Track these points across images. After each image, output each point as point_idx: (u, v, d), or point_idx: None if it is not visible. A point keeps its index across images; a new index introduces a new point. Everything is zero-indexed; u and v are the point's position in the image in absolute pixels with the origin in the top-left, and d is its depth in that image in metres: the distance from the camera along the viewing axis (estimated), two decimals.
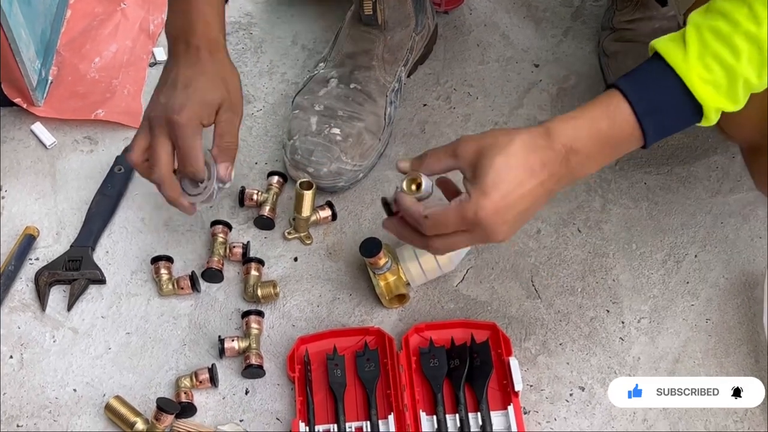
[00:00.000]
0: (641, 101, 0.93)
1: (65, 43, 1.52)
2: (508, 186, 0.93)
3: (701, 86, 0.90)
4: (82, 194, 1.35)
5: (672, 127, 0.95)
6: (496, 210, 0.93)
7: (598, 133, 0.94)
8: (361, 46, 1.39)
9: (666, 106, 0.93)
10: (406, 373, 1.17)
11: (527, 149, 0.93)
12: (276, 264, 1.30)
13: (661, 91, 0.92)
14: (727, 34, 0.89)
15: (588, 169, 0.97)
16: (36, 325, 1.23)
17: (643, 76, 0.94)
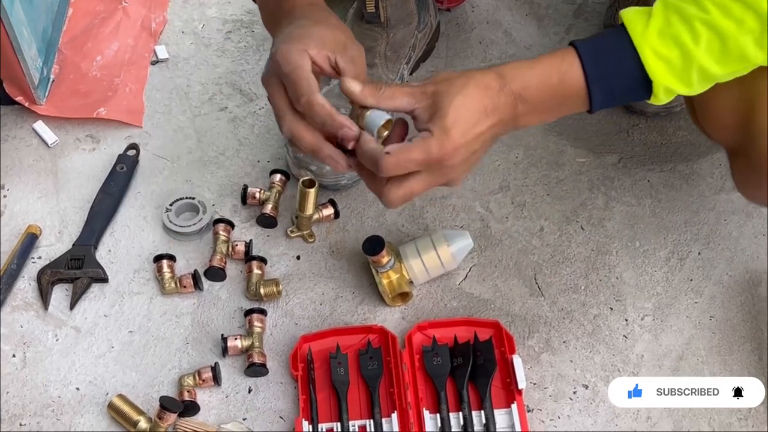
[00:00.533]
0: (593, 64, 0.93)
1: (67, 41, 1.52)
2: (465, 125, 0.92)
3: (654, 61, 0.90)
4: (84, 193, 1.35)
5: (619, 96, 0.95)
6: (455, 148, 0.91)
7: (547, 86, 0.94)
8: (364, 43, 1.36)
9: (616, 73, 0.93)
10: (409, 371, 1.17)
11: (481, 91, 0.93)
12: (279, 262, 1.29)
13: (614, 58, 0.92)
14: (690, 17, 0.89)
15: (530, 120, 0.97)
16: (38, 323, 1.23)
17: (601, 41, 0.94)
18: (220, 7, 1.60)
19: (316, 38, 0.94)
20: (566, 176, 1.39)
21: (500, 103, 0.94)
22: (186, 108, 1.47)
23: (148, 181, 1.38)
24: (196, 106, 1.47)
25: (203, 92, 1.49)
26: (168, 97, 1.48)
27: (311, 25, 0.97)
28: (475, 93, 0.93)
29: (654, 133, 1.44)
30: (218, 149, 1.41)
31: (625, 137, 1.44)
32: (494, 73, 0.94)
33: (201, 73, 1.51)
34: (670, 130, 1.45)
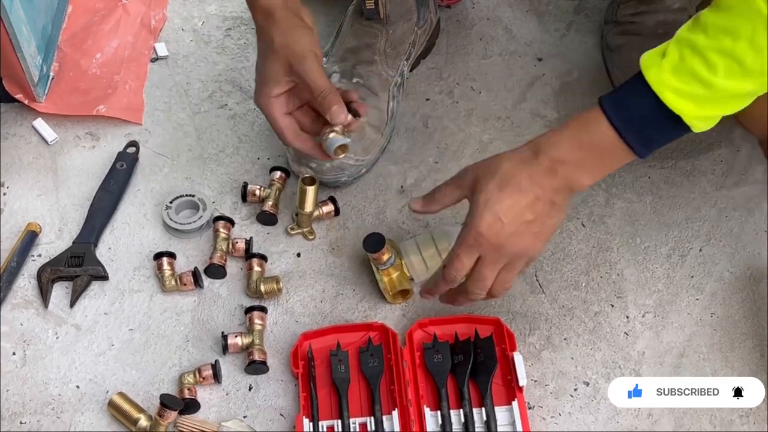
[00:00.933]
0: (619, 116, 0.96)
1: (66, 38, 1.52)
2: (499, 208, 1.00)
3: (676, 100, 0.92)
4: (84, 190, 1.35)
5: (660, 138, 0.98)
6: (490, 224, 1.00)
7: (579, 142, 0.99)
8: (364, 40, 1.38)
9: (644, 119, 0.96)
10: (409, 368, 1.17)
11: (514, 170, 1.00)
12: (279, 260, 1.29)
13: (637, 105, 0.95)
14: (702, 48, 0.90)
15: (581, 177, 1.01)
16: (39, 321, 1.23)
17: (622, 91, 0.97)
18: (219, 4, 1.60)
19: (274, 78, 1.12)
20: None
21: (535, 173, 1.00)
22: (186, 105, 1.46)
23: (148, 179, 1.37)
24: (195, 103, 1.47)
25: (203, 89, 1.49)
26: (168, 94, 1.48)
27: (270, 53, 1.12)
28: (507, 174, 1.00)
29: None
30: (218, 146, 1.41)
31: None
32: (527, 148, 1.01)
33: (201, 71, 1.51)
34: None
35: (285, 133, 1.17)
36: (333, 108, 1.11)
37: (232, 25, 1.57)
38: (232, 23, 1.57)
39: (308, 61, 1.10)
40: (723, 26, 0.89)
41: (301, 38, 1.11)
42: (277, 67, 1.11)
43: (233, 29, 1.56)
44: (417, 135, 1.43)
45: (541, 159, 0.99)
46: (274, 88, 1.13)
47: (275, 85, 1.13)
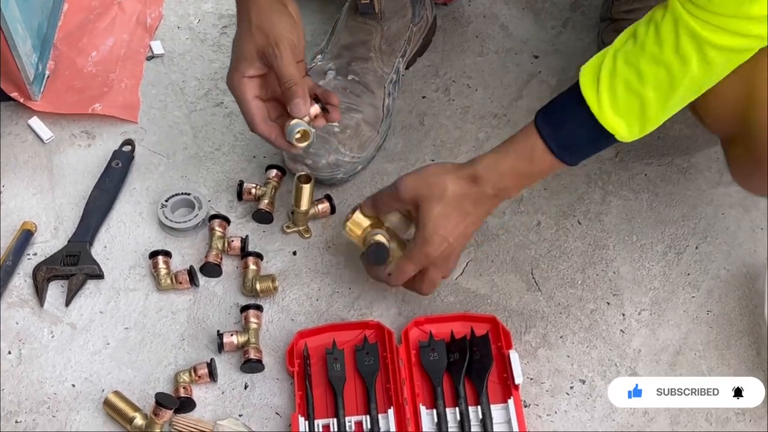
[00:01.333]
0: (555, 139, 1.02)
1: (62, 36, 1.51)
2: (446, 231, 1.08)
3: (613, 120, 0.97)
4: (80, 189, 1.35)
5: (589, 152, 1.05)
6: (440, 252, 1.10)
7: (520, 173, 1.06)
8: (359, 37, 1.38)
9: (580, 140, 1.02)
10: (405, 366, 1.17)
11: (459, 197, 1.07)
12: (275, 258, 1.29)
13: (574, 127, 1.01)
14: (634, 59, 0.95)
15: (513, 194, 1.11)
16: (34, 320, 1.23)
17: (559, 111, 1.02)
18: (215, 1, 1.60)
19: (247, 59, 1.10)
20: (563, 170, 1.38)
21: (480, 200, 1.08)
22: (182, 103, 1.46)
23: (143, 177, 1.37)
24: (191, 101, 1.47)
25: (199, 87, 1.48)
26: (164, 92, 1.48)
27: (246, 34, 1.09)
28: (453, 200, 1.08)
29: None
30: (214, 145, 1.41)
31: None
32: (468, 177, 1.07)
33: (197, 69, 1.51)
34: (667, 124, 1.40)
35: (253, 115, 1.12)
36: (295, 100, 1.08)
37: (228, 22, 1.57)
38: (228, 21, 1.57)
39: (281, 47, 1.07)
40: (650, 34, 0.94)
41: (279, 23, 1.08)
42: (251, 49, 1.09)
43: (229, 27, 1.56)
44: (413, 132, 1.43)
45: (484, 187, 1.06)
46: (248, 69, 1.10)
47: (248, 66, 1.10)
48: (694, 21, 0.90)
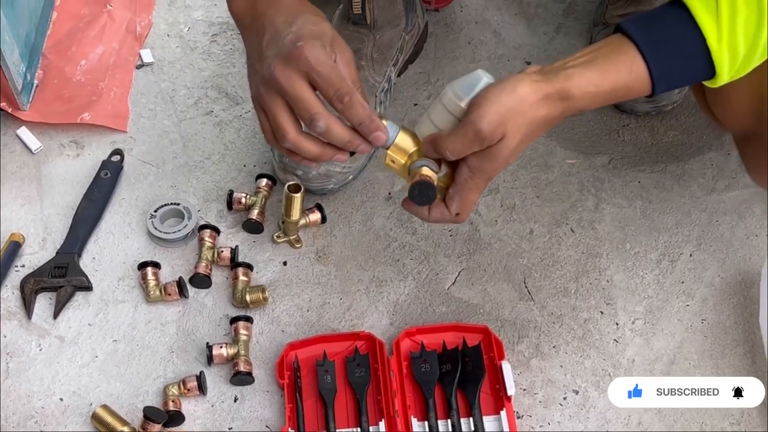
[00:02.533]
0: (660, 65, 0.89)
1: (51, 45, 1.50)
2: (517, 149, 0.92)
3: (726, 60, 0.87)
4: (69, 199, 1.33)
5: (682, 83, 0.93)
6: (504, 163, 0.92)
7: (615, 97, 0.91)
8: (350, 45, 1.35)
9: (684, 70, 0.90)
10: (397, 378, 1.15)
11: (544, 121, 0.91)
12: (265, 268, 1.28)
13: (682, 58, 0.88)
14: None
15: (583, 109, 0.93)
16: (22, 333, 1.22)
17: (666, 36, 0.89)
18: (206, 9, 1.58)
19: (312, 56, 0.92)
20: (556, 178, 1.38)
21: (561, 116, 0.92)
22: (171, 112, 1.45)
23: (132, 187, 1.36)
24: (181, 110, 1.45)
25: (189, 96, 1.47)
26: (153, 101, 1.47)
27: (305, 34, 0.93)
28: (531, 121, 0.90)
29: (645, 133, 1.43)
30: (204, 154, 1.40)
31: (616, 138, 1.42)
32: (557, 93, 0.90)
33: (186, 77, 1.50)
34: (661, 130, 1.43)
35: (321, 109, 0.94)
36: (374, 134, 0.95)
37: (218, 30, 1.56)
38: (218, 29, 1.56)
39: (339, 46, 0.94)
40: None
41: (319, 23, 0.95)
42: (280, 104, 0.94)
43: (219, 35, 1.55)
44: None
45: (570, 107, 0.91)
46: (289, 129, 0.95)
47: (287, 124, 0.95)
48: None
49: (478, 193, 0.96)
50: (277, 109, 0.94)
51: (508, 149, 0.91)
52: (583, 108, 0.92)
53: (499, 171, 0.94)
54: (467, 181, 0.94)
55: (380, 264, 1.29)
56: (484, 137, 0.90)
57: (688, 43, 0.87)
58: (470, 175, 0.94)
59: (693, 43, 0.87)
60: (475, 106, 0.90)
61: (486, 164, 0.92)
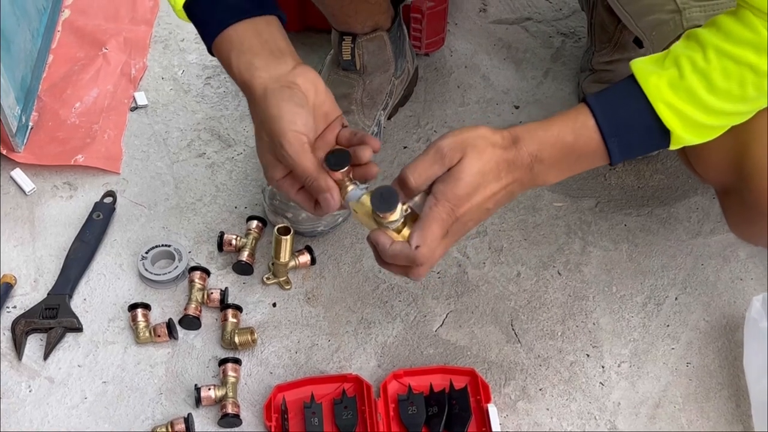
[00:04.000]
0: (607, 121, 0.93)
1: (46, 88, 1.53)
2: (478, 187, 0.93)
3: (669, 114, 0.90)
4: (61, 241, 1.35)
5: (638, 148, 0.96)
6: (466, 202, 0.93)
7: (563, 145, 0.94)
8: (340, 90, 1.39)
9: (633, 127, 0.93)
10: (384, 420, 1.16)
11: (498, 157, 0.94)
12: (254, 310, 1.29)
13: (629, 112, 0.92)
14: (702, 68, 0.89)
15: (550, 177, 0.97)
16: (12, 374, 1.22)
17: (613, 95, 0.94)
18: (200, 53, 1.61)
19: (270, 164, 0.99)
20: (543, 221, 1.39)
21: (515, 166, 0.94)
22: (164, 154, 1.47)
23: (124, 229, 1.37)
24: (174, 152, 1.47)
25: (182, 138, 1.49)
26: (146, 143, 1.49)
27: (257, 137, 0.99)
28: (490, 156, 0.93)
29: (631, 177, 1.44)
30: (195, 195, 1.42)
31: (602, 181, 1.44)
32: (509, 137, 0.95)
33: (180, 119, 1.52)
34: (647, 174, 1.45)
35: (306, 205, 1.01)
36: (320, 195, 0.97)
37: (211, 73, 1.58)
38: (212, 72, 1.58)
39: (285, 145, 0.95)
40: (723, 49, 0.88)
41: (280, 116, 0.96)
42: (266, 155, 1.00)
43: (213, 78, 1.57)
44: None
45: (521, 152, 0.94)
46: (275, 173, 1.00)
47: (274, 170, 1.00)
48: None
49: (441, 226, 0.93)
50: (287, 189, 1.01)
51: (469, 173, 0.92)
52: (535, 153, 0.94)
53: (465, 207, 0.93)
54: (431, 210, 0.93)
55: (369, 306, 1.30)
56: (443, 154, 0.92)
57: (635, 99, 0.91)
58: (434, 202, 0.93)
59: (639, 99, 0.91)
60: (439, 137, 0.95)
61: (449, 188, 0.92)
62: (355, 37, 1.35)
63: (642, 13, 1.13)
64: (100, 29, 1.61)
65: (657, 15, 1.08)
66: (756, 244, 1.18)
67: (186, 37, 1.63)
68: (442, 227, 0.93)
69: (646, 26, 1.12)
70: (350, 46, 1.35)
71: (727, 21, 0.89)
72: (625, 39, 1.44)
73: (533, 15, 1.69)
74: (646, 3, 1.12)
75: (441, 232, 0.93)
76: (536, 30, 1.66)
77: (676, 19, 1.05)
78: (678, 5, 1.06)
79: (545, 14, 1.69)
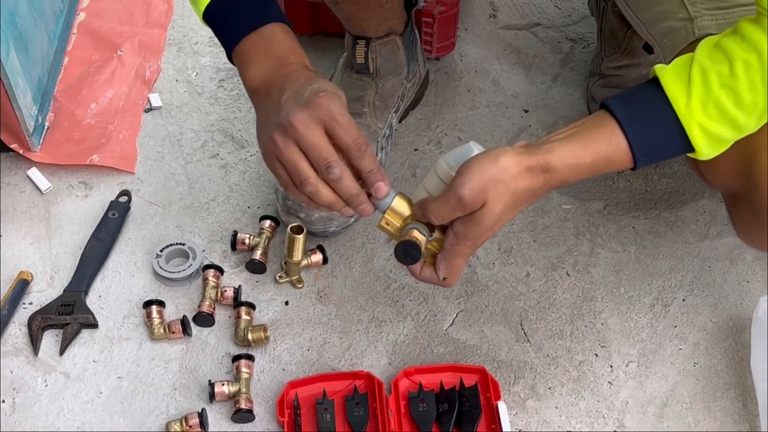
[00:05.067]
0: (640, 143, 0.93)
1: (62, 89, 1.55)
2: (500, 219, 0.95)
3: (700, 136, 0.92)
4: (76, 239, 1.37)
5: (662, 157, 0.97)
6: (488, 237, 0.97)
7: (595, 169, 0.95)
8: (353, 93, 1.41)
9: (663, 147, 0.94)
10: (395, 417, 1.18)
11: (521, 192, 0.94)
12: (267, 308, 1.31)
13: (661, 134, 0.93)
14: (729, 83, 0.90)
15: (569, 181, 0.97)
16: (28, 369, 1.24)
17: (645, 114, 0.93)
18: (213, 55, 1.63)
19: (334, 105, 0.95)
20: (552, 223, 1.41)
21: (540, 191, 0.96)
22: (178, 155, 1.49)
23: (139, 227, 1.39)
24: (188, 153, 1.49)
25: (195, 139, 1.51)
26: (161, 144, 1.51)
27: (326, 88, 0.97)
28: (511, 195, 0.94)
29: (639, 180, 1.46)
30: (209, 195, 1.43)
31: (611, 184, 1.46)
32: (538, 165, 0.94)
33: (194, 121, 1.54)
34: (655, 177, 1.47)
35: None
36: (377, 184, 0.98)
37: (225, 76, 1.60)
38: (225, 74, 1.61)
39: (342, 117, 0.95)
40: (750, 62, 0.89)
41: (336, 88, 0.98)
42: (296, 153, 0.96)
43: (226, 80, 1.60)
44: (405, 185, 1.45)
45: (551, 182, 0.95)
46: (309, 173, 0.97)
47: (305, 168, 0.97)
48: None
49: (465, 259, 0.99)
50: (295, 156, 0.96)
51: (491, 216, 0.94)
52: (565, 180, 0.95)
53: (485, 237, 0.97)
54: (453, 247, 0.98)
55: (380, 305, 1.31)
56: (465, 203, 0.94)
57: (665, 119, 0.92)
58: (455, 241, 0.97)
59: (668, 119, 0.92)
60: (459, 173, 0.95)
61: (470, 230, 0.96)
62: (369, 41, 1.37)
63: (654, 21, 1.15)
64: (115, 32, 1.63)
65: (669, 23, 1.10)
66: (763, 249, 1.19)
67: (200, 41, 1.65)
68: (465, 260, 1.00)
69: (657, 33, 1.14)
70: (364, 49, 1.37)
71: (751, 30, 0.90)
72: (635, 45, 1.45)
73: (542, 21, 1.71)
74: (658, 10, 1.14)
75: (465, 263, 1.00)
76: (545, 36, 1.68)
77: (687, 27, 1.07)
78: (690, 14, 1.08)
79: (554, 20, 1.71)
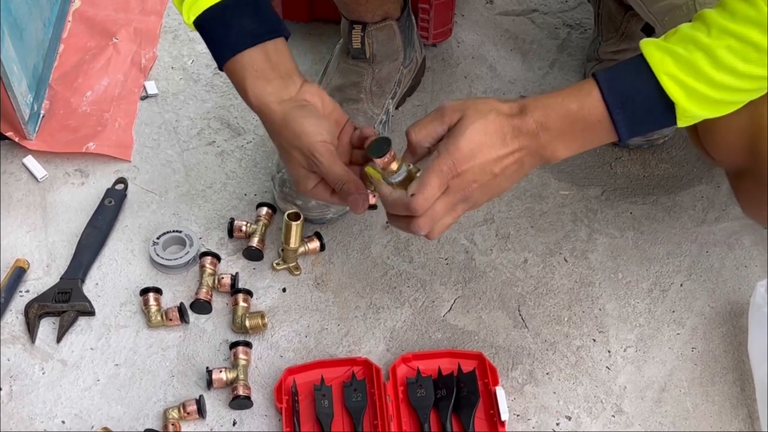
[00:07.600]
0: (612, 91, 0.93)
1: (57, 77, 1.54)
2: (479, 145, 0.96)
3: (672, 86, 0.91)
4: (73, 227, 1.36)
5: (645, 122, 0.96)
6: (467, 167, 0.96)
7: (567, 112, 0.95)
8: (350, 78, 1.40)
9: (636, 99, 0.93)
10: (393, 403, 1.18)
11: (502, 120, 0.96)
12: (264, 295, 1.30)
13: (633, 83, 0.93)
14: (706, 45, 0.90)
15: (558, 149, 0.98)
16: (25, 357, 1.24)
17: (620, 69, 0.95)
18: None
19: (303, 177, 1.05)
20: (550, 208, 1.41)
21: (521, 130, 0.96)
22: (174, 142, 1.48)
23: (135, 215, 1.39)
24: (184, 140, 1.49)
25: (192, 127, 1.51)
26: (157, 131, 1.50)
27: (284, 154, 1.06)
28: (494, 118, 0.96)
29: (636, 166, 1.46)
30: (206, 183, 1.43)
31: (608, 170, 1.46)
32: (515, 104, 0.98)
33: (190, 108, 1.53)
34: (652, 163, 1.46)
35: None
36: (349, 198, 1.03)
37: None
38: None
39: (317, 156, 1.01)
40: (727, 28, 0.89)
41: (303, 132, 1.02)
42: (299, 169, 1.05)
43: None
44: None
45: (527, 119, 0.96)
46: (309, 184, 1.06)
47: (306, 181, 1.06)
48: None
49: (439, 177, 0.95)
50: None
51: (470, 130, 0.95)
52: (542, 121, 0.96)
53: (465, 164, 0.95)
54: (431, 162, 0.96)
55: (377, 291, 1.31)
56: (443, 113, 0.98)
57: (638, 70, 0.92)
58: (435, 155, 0.97)
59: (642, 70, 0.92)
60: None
61: (450, 143, 0.96)
62: (365, 26, 1.36)
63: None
64: (110, 19, 1.63)
65: (670, 0, 1.10)
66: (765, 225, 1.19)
67: None
68: (440, 178, 0.95)
69: (658, 12, 1.14)
70: (360, 34, 1.37)
71: (733, 0, 0.90)
72: (632, 29, 1.45)
73: (539, 7, 1.70)
74: None
75: (438, 183, 0.95)
76: (542, 21, 1.68)
77: (689, 4, 1.07)
78: None
79: (551, 6, 1.70)
